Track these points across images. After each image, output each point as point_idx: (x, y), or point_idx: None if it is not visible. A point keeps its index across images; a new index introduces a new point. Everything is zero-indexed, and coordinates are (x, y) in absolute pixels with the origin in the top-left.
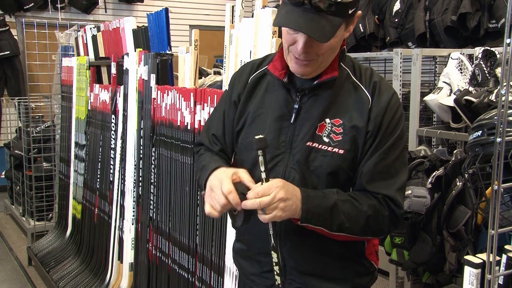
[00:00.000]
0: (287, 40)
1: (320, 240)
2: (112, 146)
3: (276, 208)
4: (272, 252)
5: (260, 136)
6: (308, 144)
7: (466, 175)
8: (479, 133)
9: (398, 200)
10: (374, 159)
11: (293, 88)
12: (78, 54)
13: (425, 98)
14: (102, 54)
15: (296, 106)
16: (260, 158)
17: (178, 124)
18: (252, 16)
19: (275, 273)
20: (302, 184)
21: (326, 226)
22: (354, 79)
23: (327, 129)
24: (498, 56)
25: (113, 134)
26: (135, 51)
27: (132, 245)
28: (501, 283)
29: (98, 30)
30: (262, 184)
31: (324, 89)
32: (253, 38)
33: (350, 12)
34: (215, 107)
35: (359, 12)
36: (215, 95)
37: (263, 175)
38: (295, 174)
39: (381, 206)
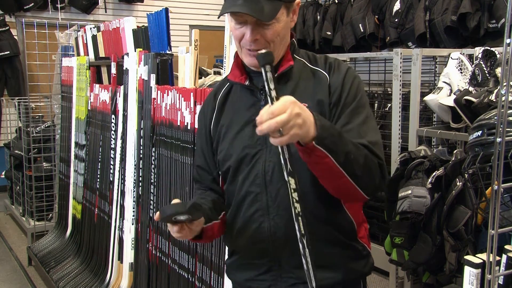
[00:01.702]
0: (237, 36)
1: (310, 226)
2: (112, 146)
3: (295, 126)
4: (290, 178)
5: (263, 50)
6: None
7: (466, 175)
8: (479, 133)
9: (375, 150)
10: (340, 123)
11: (255, 88)
12: (78, 54)
13: (425, 98)
14: (102, 54)
15: (262, 103)
16: (269, 75)
17: (178, 124)
18: None
19: (295, 200)
20: (281, 172)
21: (335, 152)
22: (311, 66)
23: None
24: (498, 56)
25: (113, 134)
26: (135, 51)
27: (132, 245)
28: (501, 283)
29: (98, 30)
30: (271, 104)
31: (284, 81)
32: None
33: None
34: (196, 142)
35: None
36: None
37: (273, 93)
38: (274, 165)
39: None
